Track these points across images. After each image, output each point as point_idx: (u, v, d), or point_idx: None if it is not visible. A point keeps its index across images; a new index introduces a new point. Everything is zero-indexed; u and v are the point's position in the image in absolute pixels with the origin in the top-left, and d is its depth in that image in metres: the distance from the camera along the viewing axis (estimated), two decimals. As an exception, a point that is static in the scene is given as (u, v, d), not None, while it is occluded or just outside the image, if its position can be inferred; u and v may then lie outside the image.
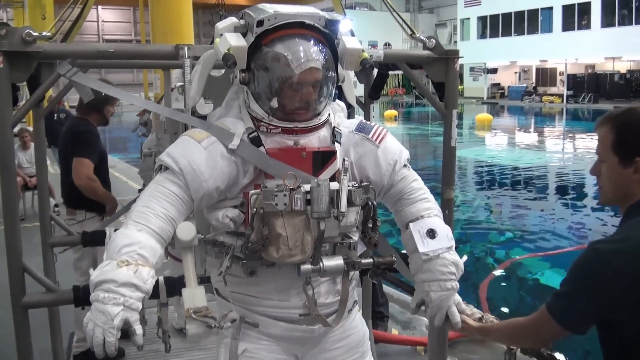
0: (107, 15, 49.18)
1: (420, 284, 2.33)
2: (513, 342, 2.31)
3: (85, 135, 4.59)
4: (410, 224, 2.34)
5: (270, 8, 2.16)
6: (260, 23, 2.13)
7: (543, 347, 2.12)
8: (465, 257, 2.44)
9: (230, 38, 2.13)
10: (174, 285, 2.64)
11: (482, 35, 44.57)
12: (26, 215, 9.30)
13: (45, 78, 2.82)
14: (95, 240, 3.91)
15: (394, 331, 5.19)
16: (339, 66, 2.29)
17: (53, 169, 6.05)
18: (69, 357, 4.42)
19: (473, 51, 38.90)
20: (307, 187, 2.02)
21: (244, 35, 2.18)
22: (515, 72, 47.35)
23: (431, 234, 2.29)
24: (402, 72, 3.38)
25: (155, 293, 2.66)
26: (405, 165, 2.39)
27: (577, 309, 1.90)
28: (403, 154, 2.37)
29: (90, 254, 4.36)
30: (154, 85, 10.56)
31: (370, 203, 2.16)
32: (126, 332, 1.84)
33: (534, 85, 45.69)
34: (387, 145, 2.34)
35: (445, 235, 2.31)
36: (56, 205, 8.17)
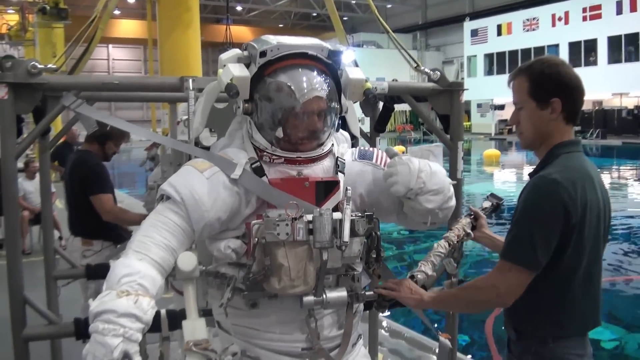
0: (118, 54, 50.00)
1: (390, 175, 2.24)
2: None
3: (95, 169, 4.59)
4: None
5: (274, 39, 2.17)
6: (263, 54, 2.13)
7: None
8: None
9: (233, 68, 2.14)
10: (176, 318, 2.60)
11: (489, 72, 44.69)
12: (33, 250, 9.27)
13: (50, 110, 2.83)
14: (99, 273, 3.89)
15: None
16: (342, 97, 2.29)
17: (60, 203, 6.04)
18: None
19: (480, 88, 38.96)
20: (309, 216, 2.01)
21: (247, 66, 2.19)
22: (523, 109, 47.24)
23: None
24: (409, 109, 3.38)
25: (157, 326, 2.61)
26: None
27: (538, 246, 2.00)
28: None
29: None
30: (162, 121, 10.61)
31: (374, 233, 2.12)
32: None
33: (541, 121, 45.53)
34: None
35: None
36: (60, 238, 8.14)
